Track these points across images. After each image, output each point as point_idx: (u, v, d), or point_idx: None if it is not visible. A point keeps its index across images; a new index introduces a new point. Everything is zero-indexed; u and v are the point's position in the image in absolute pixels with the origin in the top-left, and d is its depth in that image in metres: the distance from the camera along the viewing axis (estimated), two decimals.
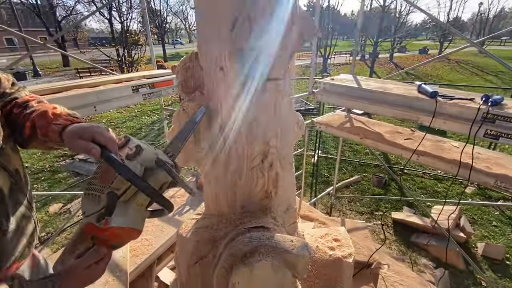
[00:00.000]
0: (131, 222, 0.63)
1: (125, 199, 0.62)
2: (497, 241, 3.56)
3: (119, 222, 0.60)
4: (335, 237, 1.02)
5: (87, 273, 0.63)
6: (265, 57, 0.64)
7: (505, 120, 1.56)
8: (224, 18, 0.63)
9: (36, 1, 19.16)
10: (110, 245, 0.64)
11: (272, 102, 0.73)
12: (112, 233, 0.60)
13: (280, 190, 0.91)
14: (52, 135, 0.67)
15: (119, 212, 0.60)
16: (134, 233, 0.65)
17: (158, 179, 0.65)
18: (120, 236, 0.62)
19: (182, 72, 0.76)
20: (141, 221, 0.66)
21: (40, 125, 0.68)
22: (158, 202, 0.63)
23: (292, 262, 0.62)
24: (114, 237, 0.62)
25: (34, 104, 0.72)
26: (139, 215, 0.65)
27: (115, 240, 0.63)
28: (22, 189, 0.72)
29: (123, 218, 0.61)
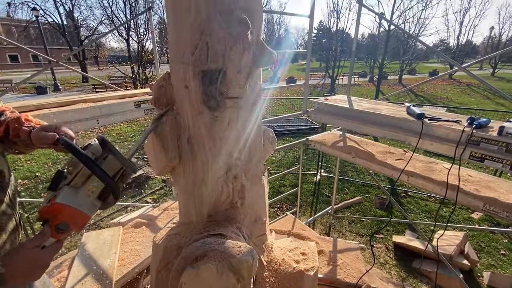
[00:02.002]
0: (78, 203, 0.64)
1: (76, 184, 0.65)
2: (505, 270, 3.38)
3: (64, 200, 0.62)
4: (303, 251, 1.04)
5: (30, 254, 0.63)
6: (221, 78, 0.72)
7: (489, 143, 1.57)
8: (187, 43, 0.72)
9: (62, 22, 20.62)
10: (55, 225, 0.63)
11: (233, 118, 0.80)
12: (56, 209, 0.61)
13: (247, 201, 0.95)
14: (23, 134, 0.78)
15: (67, 193, 0.63)
16: (80, 215, 0.65)
17: (109, 164, 0.69)
18: (64, 214, 0.63)
19: (156, 89, 0.85)
20: (90, 206, 0.67)
21: (13, 127, 0.80)
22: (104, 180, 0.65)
23: (236, 266, 0.66)
24: (58, 215, 0.62)
25: (8, 114, 0.85)
26: (88, 200, 0.66)
27: (60, 218, 0.63)
28: (4, 188, 0.80)
29: (69, 198, 0.63)
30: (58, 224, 0.63)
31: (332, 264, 2.11)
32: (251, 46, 0.71)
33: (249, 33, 0.70)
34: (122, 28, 15.67)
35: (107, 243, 2.04)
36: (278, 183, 5.54)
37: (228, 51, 0.69)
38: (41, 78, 20.66)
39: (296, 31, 55.66)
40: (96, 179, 0.66)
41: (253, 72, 0.76)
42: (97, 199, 0.68)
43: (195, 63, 0.71)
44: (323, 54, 28.16)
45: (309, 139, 2.70)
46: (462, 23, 26.08)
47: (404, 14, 18.69)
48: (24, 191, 5.13)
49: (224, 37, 0.68)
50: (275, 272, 0.96)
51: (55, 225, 0.63)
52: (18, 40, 25.79)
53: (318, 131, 8.48)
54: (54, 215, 0.62)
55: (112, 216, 4.37)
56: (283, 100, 13.76)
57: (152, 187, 5.36)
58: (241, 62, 0.71)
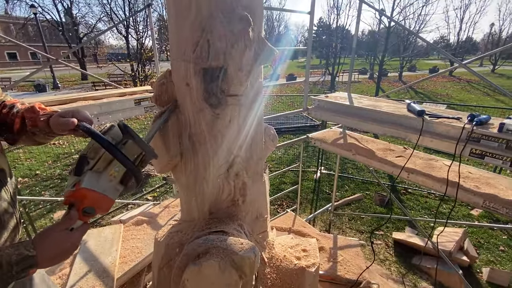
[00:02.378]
0: (102, 188, 0.66)
1: (99, 169, 0.66)
2: (504, 266, 3.40)
3: (88, 184, 0.64)
4: (304, 248, 1.04)
5: (60, 237, 0.64)
6: (222, 75, 0.72)
7: (489, 140, 1.57)
8: (188, 40, 0.72)
9: (60, 19, 20.50)
10: (82, 209, 0.65)
11: (234, 115, 0.80)
12: (82, 194, 0.63)
13: (248, 199, 0.96)
14: (41, 123, 0.76)
15: (90, 177, 0.64)
16: (105, 200, 0.67)
17: (129, 149, 0.70)
18: (90, 199, 0.65)
19: (157, 87, 0.85)
20: (113, 191, 0.69)
21: (30, 117, 0.78)
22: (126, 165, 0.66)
23: (239, 263, 0.66)
24: (85, 199, 0.64)
25: (19, 105, 0.84)
26: (111, 184, 0.68)
27: (86, 203, 0.65)
28: (6, 186, 0.80)
29: (94, 183, 0.65)
30: (84, 208, 0.65)
31: (332, 260, 2.12)
32: (253, 44, 0.71)
33: (251, 30, 0.69)
34: (121, 26, 15.58)
35: (108, 240, 2.05)
36: (278, 180, 5.55)
37: (229, 48, 0.69)
38: (40, 76, 20.59)
39: (296, 28, 55.40)
40: (117, 164, 0.67)
41: (254, 69, 0.76)
42: (119, 183, 0.70)
43: (196, 61, 0.70)
44: (323, 51, 28.06)
45: (309, 137, 2.70)
46: (463, 20, 25.97)
47: (405, 11, 18.63)
48: (24, 189, 5.14)
49: (225, 34, 0.68)
50: (276, 268, 0.96)
51: (82, 208, 0.65)
52: (17, 37, 25.67)
53: (318, 128, 8.48)
54: (80, 200, 0.64)
55: (113, 214, 4.38)
56: (283, 97, 13.74)
57: (153, 185, 5.37)
58: (242, 60, 0.71)
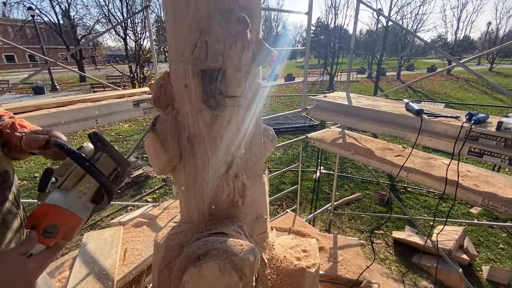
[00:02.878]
0: (68, 204, 0.59)
1: (67, 187, 0.61)
2: (504, 264, 3.41)
3: (52, 200, 0.57)
4: (304, 248, 1.04)
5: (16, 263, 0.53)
6: (221, 77, 0.72)
7: (487, 138, 1.57)
8: (186, 42, 0.72)
9: (58, 21, 20.46)
10: (43, 229, 0.56)
11: (233, 116, 0.80)
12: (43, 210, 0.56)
13: (248, 200, 0.96)
14: (15, 140, 0.77)
15: (57, 194, 0.59)
16: (70, 217, 0.59)
17: (104, 164, 0.65)
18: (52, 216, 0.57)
19: (156, 89, 0.85)
20: (82, 208, 0.62)
21: (6, 133, 0.79)
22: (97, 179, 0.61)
23: (239, 264, 0.66)
24: (46, 217, 0.56)
25: (6, 119, 0.84)
26: (79, 201, 0.61)
27: (47, 221, 0.56)
28: (10, 187, 0.80)
29: (59, 199, 0.58)
30: (45, 227, 0.56)
31: (332, 260, 2.12)
32: (251, 45, 0.71)
33: (248, 32, 0.70)
34: (119, 27, 15.57)
35: (108, 242, 2.05)
36: (277, 180, 5.55)
37: (228, 50, 0.69)
38: (39, 78, 20.53)
39: (294, 28, 55.50)
40: (88, 180, 0.62)
41: (252, 70, 0.76)
42: (89, 201, 0.64)
43: (194, 62, 0.70)
44: (322, 51, 28.11)
45: (309, 137, 2.70)
46: (460, 19, 26.10)
47: (402, 10, 18.65)
48: (23, 192, 5.12)
49: (224, 36, 0.68)
50: (276, 269, 0.96)
51: (43, 228, 0.56)
52: (14, 40, 25.60)
53: (317, 128, 8.49)
54: (41, 218, 0.56)
55: (112, 216, 4.37)
56: (282, 97, 13.74)
57: (152, 186, 5.36)
58: (241, 61, 0.71)
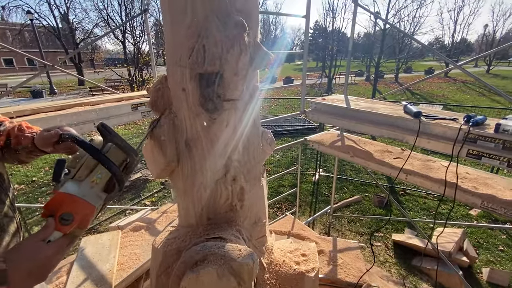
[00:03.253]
0: (81, 193, 0.61)
1: (80, 177, 0.63)
2: (504, 266, 3.40)
3: (66, 189, 0.60)
4: (303, 252, 1.03)
5: (33, 249, 0.57)
6: (219, 80, 0.72)
7: (485, 140, 1.57)
8: (184, 46, 0.72)
9: (57, 25, 20.50)
10: (59, 216, 0.59)
11: (231, 120, 0.80)
12: (59, 199, 0.59)
13: (246, 203, 0.95)
14: (25, 141, 0.78)
15: (70, 184, 0.61)
16: (84, 205, 0.62)
17: (113, 155, 0.69)
18: (67, 204, 0.60)
19: (153, 92, 0.85)
20: (95, 197, 0.65)
21: (15, 135, 0.79)
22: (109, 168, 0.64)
23: (237, 270, 0.65)
24: (62, 205, 0.59)
25: (7, 124, 0.85)
26: (92, 191, 0.64)
27: (63, 209, 0.59)
28: (5, 191, 0.80)
29: (73, 188, 0.61)
30: (61, 215, 0.60)
31: (332, 263, 2.11)
32: (248, 48, 0.71)
33: (246, 35, 0.70)
34: (118, 31, 15.61)
35: (106, 247, 2.03)
36: (277, 183, 5.54)
37: (225, 53, 0.69)
38: (37, 81, 20.52)
39: (292, 31, 55.84)
40: (99, 170, 0.65)
41: (249, 73, 0.76)
42: (101, 191, 0.67)
43: (192, 66, 0.70)
44: (320, 54, 28.25)
45: (307, 139, 2.70)
46: (457, 21, 26.30)
47: (399, 13, 18.82)
48: (21, 196, 5.09)
49: (221, 39, 0.68)
50: (275, 274, 0.95)
51: (59, 215, 0.60)
52: (13, 43, 25.61)
53: (316, 131, 8.49)
54: (57, 206, 0.60)
55: (111, 220, 4.34)
56: (281, 100, 13.77)
57: (151, 190, 5.34)
58: (238, 65, 0.71)
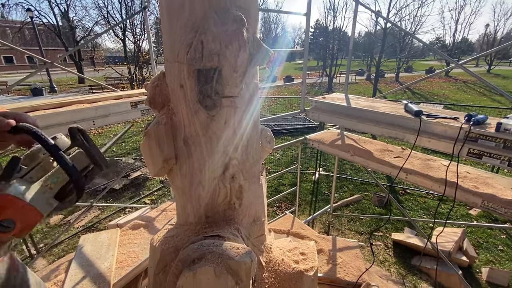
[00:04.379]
0: (30, 198, 0.54)
1: (32, 179, 0.56)
2: (503, 266, 3.40)
3: (12, 191, 0.52)
4: (302, 251, 1.03)
5: None
6: (217, 77, 0.71)
7: (486, 139, 1.56)
8: (182, 41, 0.71)
9: (57, 23, 20.46)
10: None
11: (230, 117, 0.79)
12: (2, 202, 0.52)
13: (245, 202, 0.94)
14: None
15: (19, 185, 0.54)
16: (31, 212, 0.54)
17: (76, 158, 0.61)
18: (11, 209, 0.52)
19: (151, 89, 0.84)
20: (44, 204, 0.57)
21: None
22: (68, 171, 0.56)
23: (235, 268, 0.65)
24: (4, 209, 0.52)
25: None
26: (43, 196, 0.57)
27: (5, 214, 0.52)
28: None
29: (21, 191, 0.53)
30: (2, 221, 0.52)
31: (331, 263, 2.10)
32: (247, 44, 0.70)
33: (245, 31, 0.68)
34: (118, 29, 15.58)
35: (105, 245, 2.02)
36: (276, 182, 5.53)
37: (224, 49, 0.68)
38: (37, 79, 20.50)
39: (293, 30, 55.74)
40: (56, 174, 0.57)
41: (249, 70, 0.75)
42: (53, 197, 0.58)
43: (190, 62, 0.69)
44: (320, 53, 28.19)
45: (308, 138, 2.69)
46: (458, 21, 26.19)
47: (401, 12, 18.76)
48: None
49: (219, 35, 0.67)
50: (274, 272, 0.95)
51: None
52: (13, 41, 25.57)
53: (316, 130, 8.48)
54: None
55: (110, 218, 4.34)
56: (281, 99, 13.76)
57: (150, 188, 5.33)
58: (237, 61, 0.70)
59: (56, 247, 3.67)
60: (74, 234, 3.93)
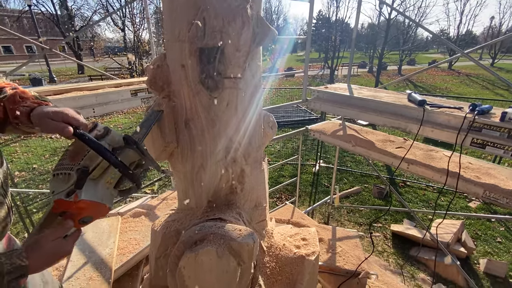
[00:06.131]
0: (100, 197, 0.65)
1: (94, 177, 0.65)
2: (501, 258, 3.43)
3: (88, 196, 0.62)
4: (303, 237, 1.03)
5: (54, 246, 0.64)
6: (220, 56, 0.69)
7: (491, 129, 1.55)
8: (183, 20, 0.68)
9: (56, 11, 20.15)
10: (79, 219, 0.65)
11: (232, 99, 0.77)
12: (81, 206, 0.62)
13: (247, 186, 0.93)
14: (21, 117, 0.70)
15: (88, 187, 0.63)
16: (103, 208, 0.67)
17: (127, 156, 0.69)
18: (89, 210, 0.64)
19: (152, 70, 0.82)
20: (110, 198, 0.69)
21: (10, 108, 0.71)
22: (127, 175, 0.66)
23: (237, 250, 0.64)
24: (83, 211, 0.64)
25: (8, 90, 0.75)
26: (107, 192, 0.68)
27: (84, 214, 0.65)
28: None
29: (93, 193, 0.64)
30: (82, 218, 0.65)
31: (331, 251, 2.12)
32: (251, 22, 0.68)
33: (249, 8, 0.66)
34: (118, 18, 15.33)
35: (106, 232, 2.03)
36: (277, 173, 5.54)
37: (226, 26, 0.65)
38: (36, 69, 20.34)
39: (295, 21, 54.94)
40: (114, 170, 0.67)
41: (252, 50, 0.72)
42: (114, 189, 0.70)
43: (191, 40, 0.67)
44: (322, 44, 27.83)
45: (309, 128, 2.67)
46: (463, 12, 25.76)
47: (405, 2, 18.42)
48: (21, 183, 5.11)
49: (222, 11, 0.64)
50: (275, 257, 0.95)
51: (80, 219, 0.65)
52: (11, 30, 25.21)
53: (317, 121, 8.43)
54: (80, 211, 0.63)
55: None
56: (282, 91, 13.67)
57: (151, 178, 5.35)
58: (240, 39, 0.68)
59: None
60: None
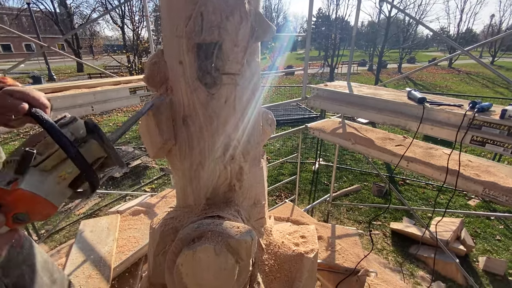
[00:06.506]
0: (45, 192, 0.53)
1: (46, 168, 0.54)
2: (500, 255, 3.44)
3: (29, 186, 0.51)
4: (302, 234, 1.02)
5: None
6: (217, 51, 0.68)
7: (490, 127, 1.54)
8: (181, 15, 0.68)
9: (55, 9, 20.07)
10: (14, 214, 0.51)
11: (230, 95, 0.76)
12: (17, 196, 0.50)
13: (245, 184, 0.93)
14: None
15: (33, 177, 0.52)
16: (45, 205, 0.54)
17: (89, 150, 0.57)
18: (26, 204, 0.52)
19: (149, 66, 0.81)
20: (59, 196, 0.56)
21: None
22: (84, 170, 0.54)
23: (235, 247, 0.64)
24: (19, 204, 0.51)
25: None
26: (57, 188, 0.55)
27: (21, 208, 0.51)
28: None
29: (37, 184, 0.52)
30: (17, 214, 0.51)
31: (330, 249, 2.12)
32: (249, 17, 0.67)
33: (247, 2, 0.65)
34: (117, 16, 15.28)
35: (105, 230, 2.03)
36: (276, 171, 5.54)
37: (224, 21, 0.65)
38: (35, 68, 20.29)
39: (295, 19, 54.82)
40: (71, 164, 0.55)
41: (251, 46, 0.72)
42: (67, 187, 0.57)
43: (189, 35, 0.66)
44: (322, 42, 27.77)
45: (309, 126, 2.66)
46: (463, 10, 25.71)
47: (405, 0, 18.37)
48: None
49: (220, 6, 0.64)
50: (274, 255, 0.94)
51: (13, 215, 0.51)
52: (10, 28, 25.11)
53: (317, 120, 8.44)
54: (14, 203, 0.51)
55: (111, 206, 4.37)
56: (282, 89, 13.65)
57: (150, 177, 5.35)
58: (238, 34, 0.67)
59: (57, 234, 3.71)
60: (75, 221, 3.96)
